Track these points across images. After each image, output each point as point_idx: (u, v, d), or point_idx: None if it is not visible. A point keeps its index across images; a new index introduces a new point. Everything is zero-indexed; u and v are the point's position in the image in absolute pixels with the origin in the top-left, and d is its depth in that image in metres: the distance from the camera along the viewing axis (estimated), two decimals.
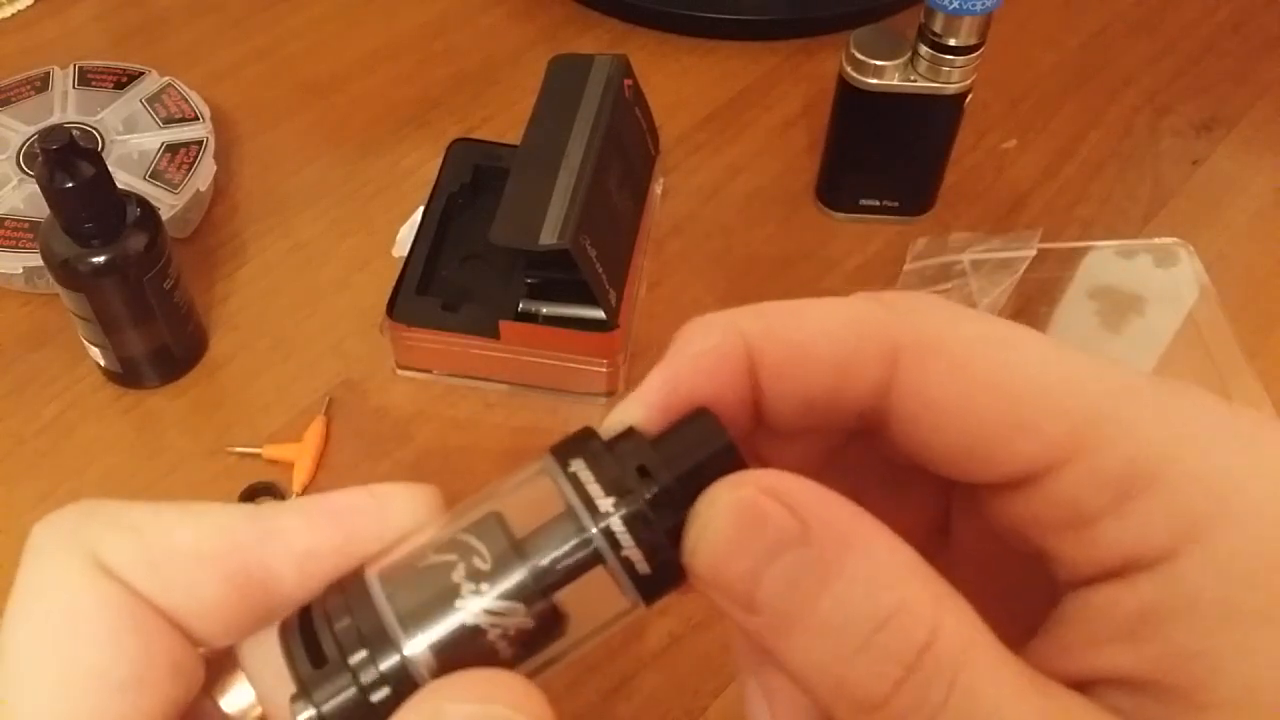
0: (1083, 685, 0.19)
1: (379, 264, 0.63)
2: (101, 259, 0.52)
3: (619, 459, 0.21)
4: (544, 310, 0.57)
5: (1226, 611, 0.18)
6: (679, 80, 0.73)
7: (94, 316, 0.54)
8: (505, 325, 0.56)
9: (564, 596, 0.21)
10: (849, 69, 0.60)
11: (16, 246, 0.60)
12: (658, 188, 0.65)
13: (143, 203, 0.54)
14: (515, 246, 0.53)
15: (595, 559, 0.20)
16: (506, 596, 0.20)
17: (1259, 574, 0.18)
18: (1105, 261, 0.64)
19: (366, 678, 0.20)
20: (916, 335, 0.21)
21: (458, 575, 0.20)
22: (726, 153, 0.70)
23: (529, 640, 0.20)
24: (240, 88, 0.72)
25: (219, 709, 0.22)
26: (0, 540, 0.53)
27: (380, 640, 0.20)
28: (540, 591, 0.20)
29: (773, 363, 0.21)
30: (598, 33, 0.76)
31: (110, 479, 0.55)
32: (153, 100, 0.67)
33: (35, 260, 0.57)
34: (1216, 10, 0.79)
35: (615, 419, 0.22)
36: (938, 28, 0.57)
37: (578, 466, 0.21)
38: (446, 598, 0.20)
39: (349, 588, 0.21)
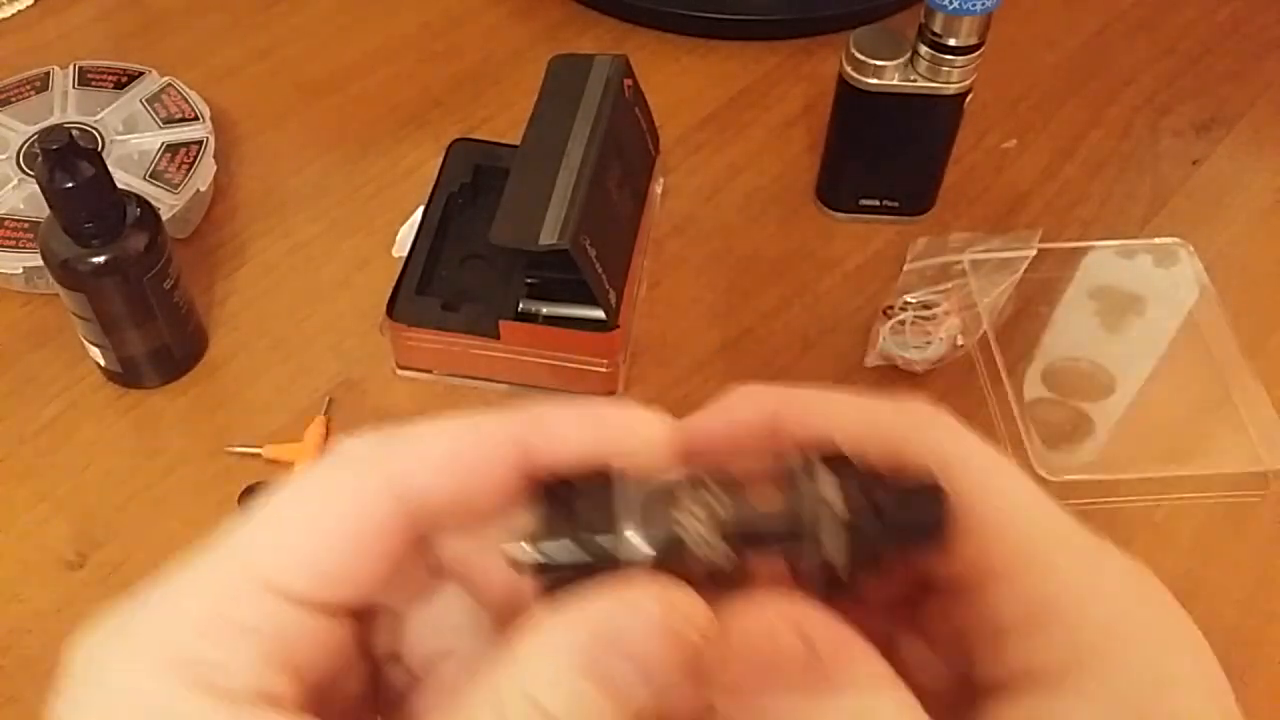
0: None
1: (379, 264, 0.63)
2: (101, 259, 0.52)
3: (865, 518, 0.23)
4: (544, 310, 0.57)
5: None
6: (679, 80, 0.73)
7: (94, 316, 0.54)
8: (505, 325, 0.56)
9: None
10: (849, 69, 0.60)
11: (16, 246, 0.60)
12: (658, 188, 0.65)
13: (143, 203, 0.54)
14: (515, 246, 0.53)
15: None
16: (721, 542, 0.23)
17: (1120, 714, 0.22)
18: (1105, 261, 0.64)
19: (591, 551, 0.23)
20: (921, 441, 0.25)
21: (691, 519, 0.23)
22: (726, 153, 0.70)
23: (715, 580, 0.23)
24: (240, 88, 0.72)
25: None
26: (0, 540, 0.53)
27: (611, 531, 0.23)
28: (745, 560, 0.23)
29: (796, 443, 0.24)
30: (598, 33, 0.76)
31: (110, 479, 0.55)
32: (153, 100, 0.67)
33: (35, 260, 0.57)
34: (1216, 10, 0.79)
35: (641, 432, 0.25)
36: (938, 28, 0.57)
37: (834, 497, 0.23)
38: (673, 528, 0.23)
39: (595, 490, 0.23)
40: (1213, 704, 0.22)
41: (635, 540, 0.23)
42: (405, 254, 0.59)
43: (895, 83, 0.59)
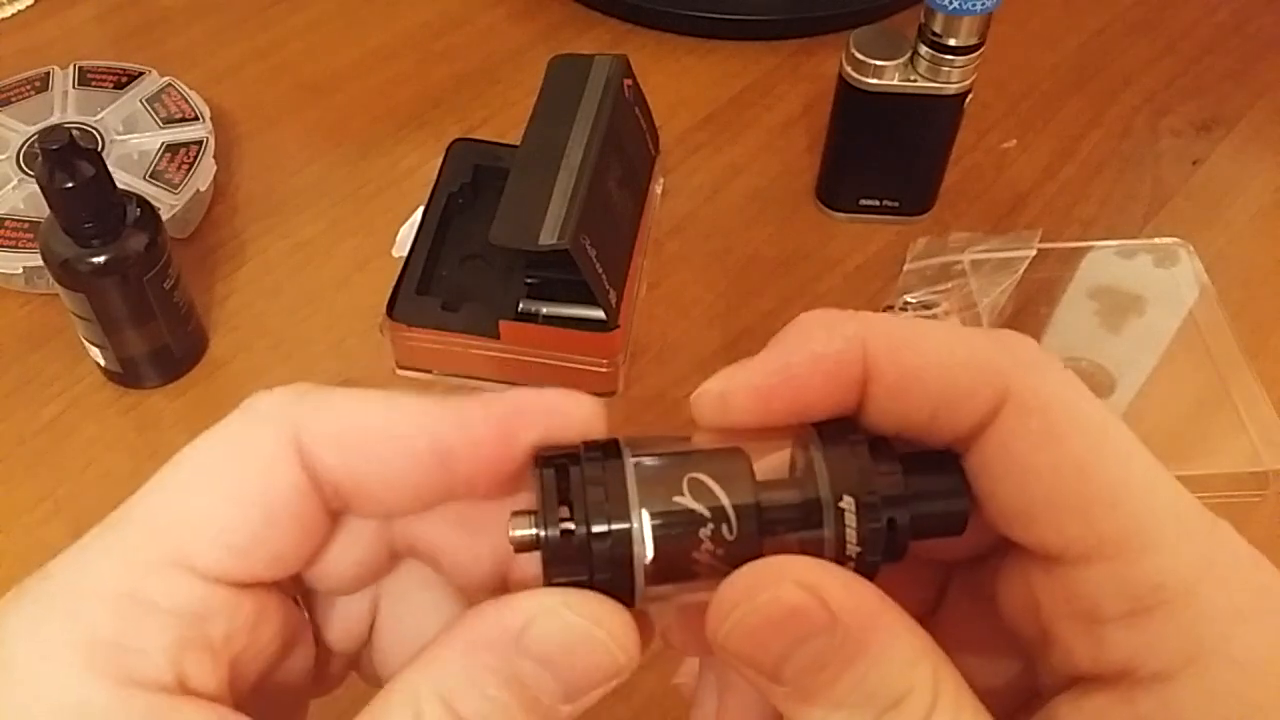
0: None
1: (379, 264, 0.63)
2: (101, 259, 0.52)
3: (877, 493, 0.22)
4: (544, 310, 0.57)
5: None
6: (679, 80, 0.73)
7: (94, 316, 0.54)
8: (505, 325, 0.56)
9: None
10: (849, 69, 0.60)
11: (16, 246, 0.60)
12: (658, 188, 0.65)
13: (143, 203, 0.54)
14: (515, 246, 0.53)
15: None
16: (730, 537, 0.22)
17: (1246, 715, 0.20)
18: (1105, 261, 0.64)
19: (596, 532, 0.22)
20: (1025, 389, 0.22)
21: (701, 518, 0.22)
22: (726, 153, 0.70)
23: (723, 567, 0.22)
24: (240, 88, 0.72)
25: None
26: (0, 540, 0.53)
27: (618, 513, 0.22)
28: (755, 546, 0.22)
29: (887, 382, 0.22)
30: (598, 33, 0.76)
31: (110, 479, 0.55)
32: (153, 100, 0.67)
33: (35, 260, 0.57)
34: (1216, 10, 0.79)
35: (715, 387, 0.23)
36: (938, 28, 0.57)
37: (847, 504, 0.22)
38: (681, 512, 0.22)
39: (608, 472, 0.22)
40: None
41: (643, 529, 0.22)
42: (405, 254, 0.59)
43: (895, 83, 0.59)
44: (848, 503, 0.22)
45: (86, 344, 0.57)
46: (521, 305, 0.57)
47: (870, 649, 0.20)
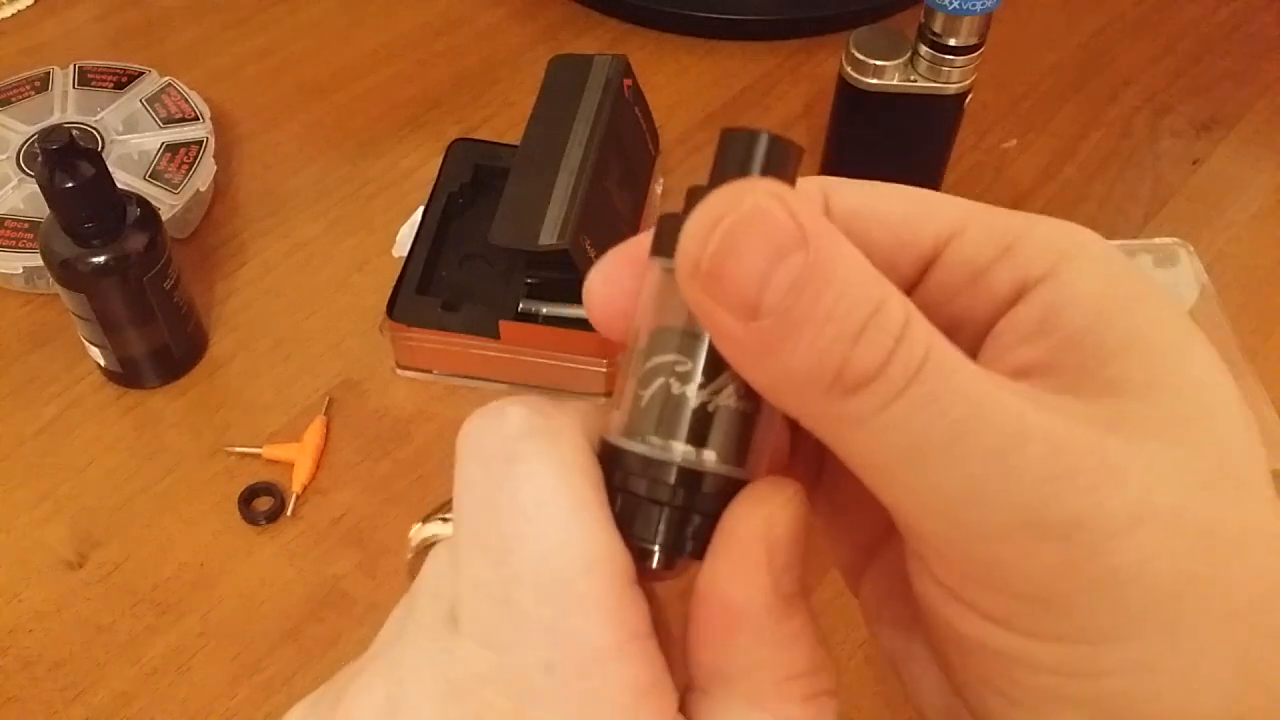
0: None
1: (379, 264, 0.63)
2: (101, 259, 0.52)
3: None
4: (544, 310, 0.58)
5: (1102, 297, 0.22)
6: (679, 80, 0.73)
7: (94, 316, 0.54)
8: (505, 325, 0.56)
9: None
10: (849, 69, 0.60)
11: (16, 246, 0.60)
12: (658, 188, 0.65)
13: (143, 203, 0.54)
14: (515, 246, 0.53)
15: None
16: (710, 374, 0.22)
17: (1120, 277, 0.23)
18: None
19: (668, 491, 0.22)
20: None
21: (676, 388, 0.22)
22: None
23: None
24: (240, 88, 0.72)
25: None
26: (0, 540, 0.53)
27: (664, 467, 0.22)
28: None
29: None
30: (598, 33, 0.76)
31: (110, 479, 0.55)
32: (153, 100, 0.67)
33: (35, 260, 0.57)
34: (1216, 10, 0.79)
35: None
36: (938, 28, 0.57)
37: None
38: (681, 408, 0.22)
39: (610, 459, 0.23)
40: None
41: (705, 453, 0.23)
42: (405, 254, 0.59)
43: (895, 83, 0.59)
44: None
45: (86, 344, 0.57)
46: (521, 305, 0.57)
47: (840, 264, 0.20)
